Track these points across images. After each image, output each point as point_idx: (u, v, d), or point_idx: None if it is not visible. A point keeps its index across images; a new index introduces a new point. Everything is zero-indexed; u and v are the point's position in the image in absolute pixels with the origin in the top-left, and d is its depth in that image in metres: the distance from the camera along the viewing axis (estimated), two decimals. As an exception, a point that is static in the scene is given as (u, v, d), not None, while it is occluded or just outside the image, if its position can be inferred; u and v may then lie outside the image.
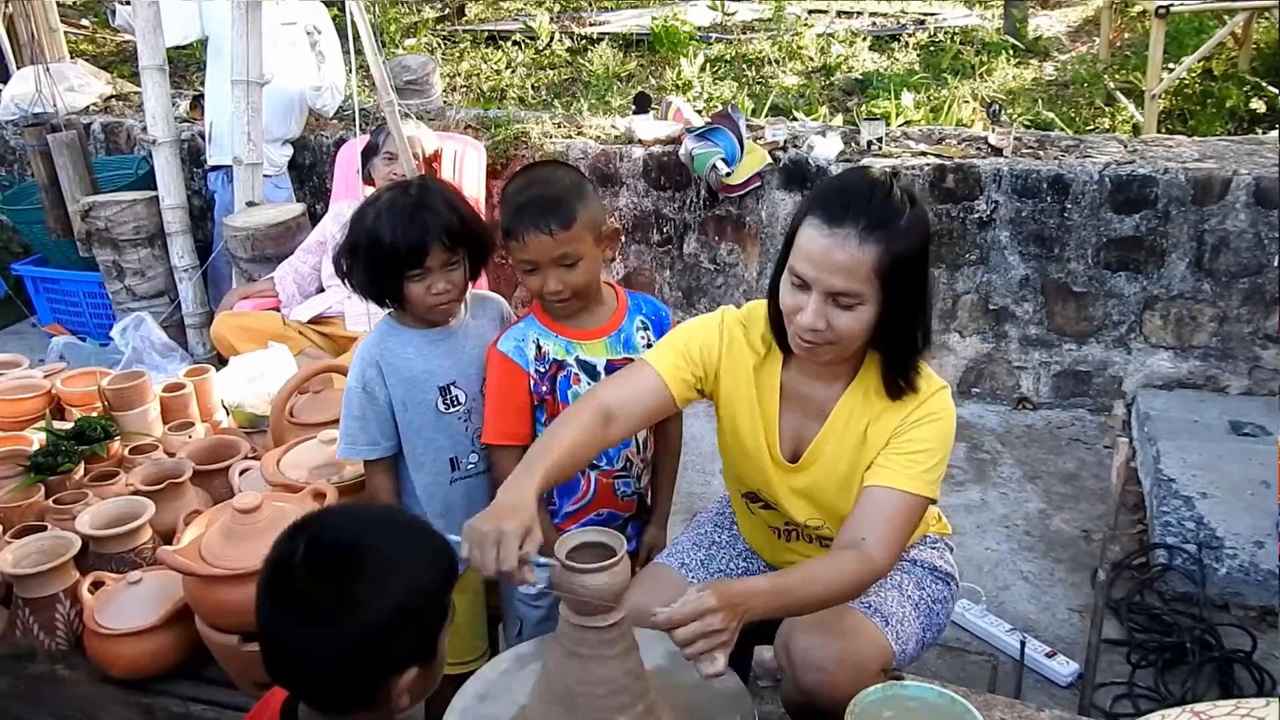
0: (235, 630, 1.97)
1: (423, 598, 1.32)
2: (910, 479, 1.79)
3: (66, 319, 5.23)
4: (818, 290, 1.70)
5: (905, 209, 1.70)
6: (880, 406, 1.86)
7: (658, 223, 4.63)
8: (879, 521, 1.76)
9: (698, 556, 2.13)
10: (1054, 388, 4.30)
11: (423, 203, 2.02)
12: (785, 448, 1.94)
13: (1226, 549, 3.11)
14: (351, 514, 1.56)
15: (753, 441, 1.96)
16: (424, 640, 1.34)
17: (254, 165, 4.51)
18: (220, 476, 2.55)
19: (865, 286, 1.68)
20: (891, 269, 1.67)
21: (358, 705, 1.32)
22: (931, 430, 1.82)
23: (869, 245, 1.66)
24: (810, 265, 1.70)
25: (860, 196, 1.69)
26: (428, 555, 1.36)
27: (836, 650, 1.81)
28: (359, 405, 2.13)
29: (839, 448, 1.89)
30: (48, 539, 2.23)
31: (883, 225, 1.67)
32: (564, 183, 2.05)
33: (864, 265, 1.66)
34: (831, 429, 1.90)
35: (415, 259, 2.01)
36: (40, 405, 2.93)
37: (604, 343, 2.16)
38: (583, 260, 2.03)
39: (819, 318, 1.71)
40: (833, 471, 1.91)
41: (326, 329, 3.93)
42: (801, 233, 1.72)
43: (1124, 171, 3.94)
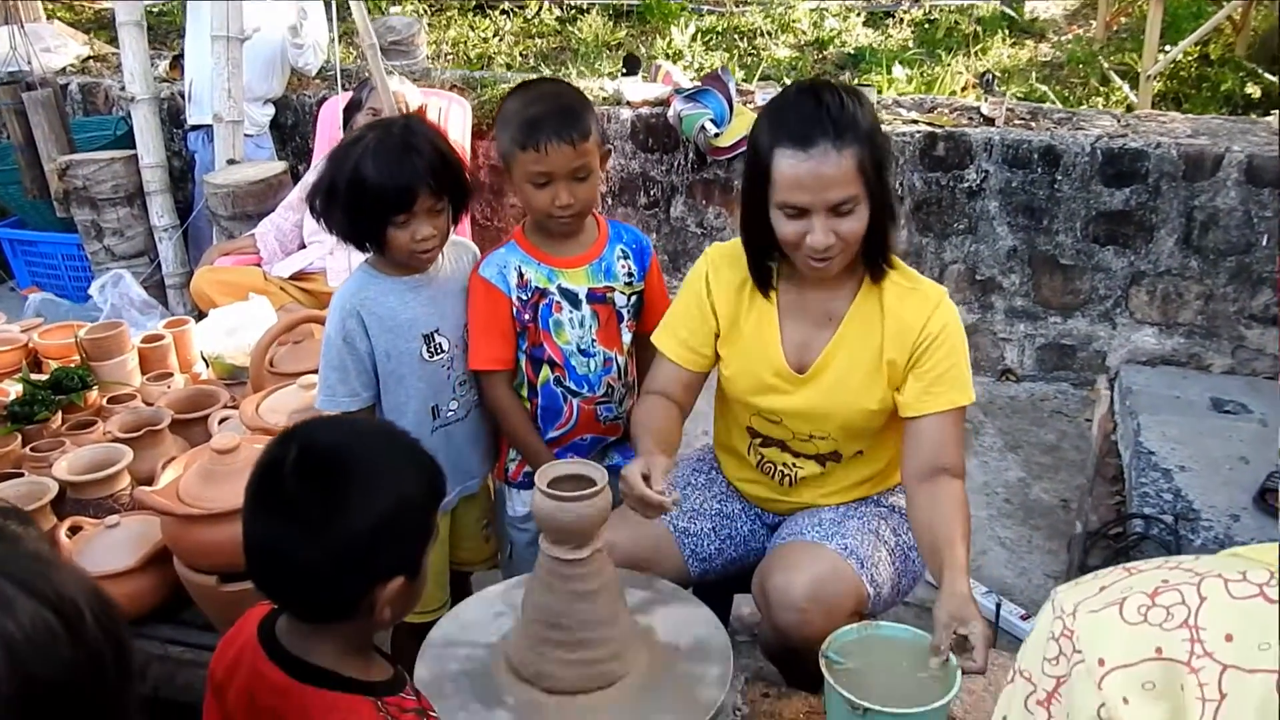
0: (214, 571, 1.96)
1: (410, 509, 1.32)
2: (951, 398, 1.92)
3: (45, 282, 5.16)
4: (818, 211, 1.80)
5: (858, 105, 1.81)
6: (892, 307, 1.94)
7: (645, 185, 4.60)
8: (948, 445, 1.92)
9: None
10: (1038, 360, 4.30)
11: (410, 144, 1.96)
12: (790, 360, 1.99)
13: (1202, 521, 3.12)
14: (343, 423, 1.59)
15: (757, 359, 2.01)
16: (409, 553, 1.33)
17: (234, 123, 4.45)
18: (199, 425, 2.53)
19: (856, 188, 1.79)
20: (870, 163, 1.79)
21: (340, 615, 1.31)
22: (947, 348, 1.93)
23: (847, 151, 1.76)
24: (804, 192, 1.79)
25: (818, 109, 1.78)
26: (417, 468, 1.37)
27: (810, 589, 1.82)
28: (338, 356, 2.08)
29: (853, 359, 1.96)
30: (24, 484, 2.22)
31: (850, 127, 1.77)
32: (574, 95, 2.08)
33: (849, 170, 1.77)
34: (844, 338, 1.97)
35: (402, 203, 1.95)
36: (17, 358, 2.90)
37: (585, 270, 2.17)
38: (592, 174, 2.06)
39: (827, 234, 1.81)
40: (845, 382, 1.96)
41: (308, 285, 3.89)
42: (778, 167, 1.80)
43: (1116, 145, 3.93)
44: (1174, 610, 0.65)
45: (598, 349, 2.18)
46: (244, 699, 1.35)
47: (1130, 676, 0.65)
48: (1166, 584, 0.67)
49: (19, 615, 0.73)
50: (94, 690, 0.77)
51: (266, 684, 1.32)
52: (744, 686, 1.84)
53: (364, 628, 1.34)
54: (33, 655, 0.72)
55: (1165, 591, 0.66)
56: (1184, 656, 0.64)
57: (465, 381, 2.18)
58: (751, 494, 2.17)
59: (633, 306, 2.22)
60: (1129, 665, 0.65)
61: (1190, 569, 0.67)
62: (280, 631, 1.36)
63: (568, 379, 2.18)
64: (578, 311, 2.15)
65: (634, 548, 2.01)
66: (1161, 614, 0.66)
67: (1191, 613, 0.65)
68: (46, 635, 0.74)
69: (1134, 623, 0.66)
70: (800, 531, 2.00)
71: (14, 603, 0.73)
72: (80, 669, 0.75)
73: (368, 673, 1.36)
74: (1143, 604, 0.67)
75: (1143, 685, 0.65)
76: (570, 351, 2.17)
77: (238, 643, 1.39)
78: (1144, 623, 0.66)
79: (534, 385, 2.20)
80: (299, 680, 1.31)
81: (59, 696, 0.74)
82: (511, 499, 2.31)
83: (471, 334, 2.14)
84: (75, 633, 0.76)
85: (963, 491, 1.88)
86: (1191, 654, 0.64)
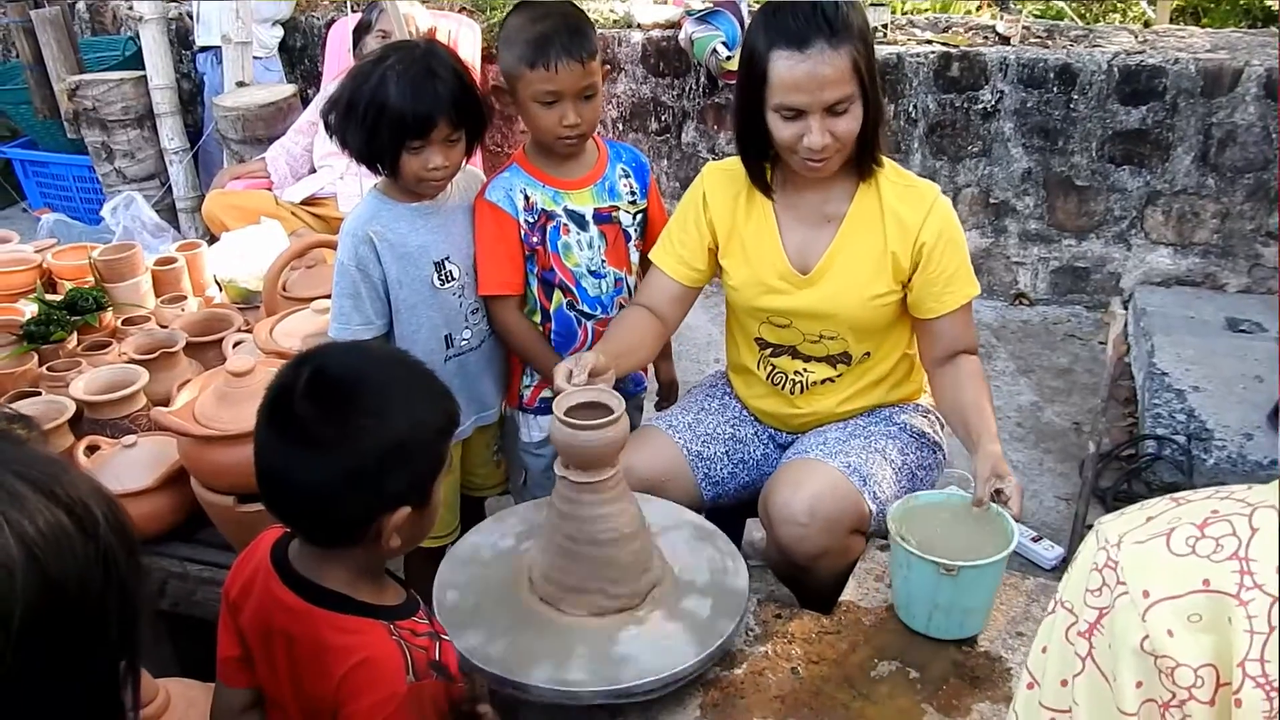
0: (230, 491, 1.98)
1: (421, 438, 1.32)
2: (966, 289, 2.01)
3: (57, 203, 5.17)
4: (815, 111, 1.82)
5: (848, 4, 1.83)
6: (892, 204, 1.97)
7: (655, 110, 4.55)
8: (967, 332, 2.04)
9: (685, 419, 2.17)
10: (1051, 284, 4.28)
11: (432, 70, 1.93)
12: (794, 261, 2.02)
13: (1215, 440, 3.13)
14: (357, 348, 1.58)
15: (760, 265, 2.04)
16: (418, 482, 1.33)
17: (243, 44, 4.42)
18: (213, 348, 2.54)
19: (851, 87, 1.82)
20: (863, 61, 1.82)
21: (348, 540, 1.32)
22: (950, 249, 1.98)
23: (841, 49, 1.79)
24: (801, 93, 1.81)
25: (814, 13, 1.80)
26: (430, 396, 1.37)
27: (810, 504, 1.86)
28: (351, 283, 2.06)
29: (856, 256, 1.99)
30: (41, 403, 2.24)
31: (844, 27, 1.80)
32: (577, 13, 2.07)
33: (844, 69, 1.80)
34: (846, 237, 2.00)
35: (421, 129, 1.93)
36: (31, 279, 2.91)
37: (590, 191, 2.16)
38: (598, 94, 2.06)
39: (823, 134, 1.83)
40: (850, 279, 1.99)
41: (319, 210, 3.89)
42: (775, 70, 1.82)
43: (1133, 61, 3.86)
44: (1224, 542, 0.64)
45: (608, 270, 2.19)
46: (258, 620, 1.37)
47: (1176, 609, 0.64)
48: (1216, 514, 0.65)
49: (35, 516, 0.74)
50: (107, 590, 0.78)
51: (280, 606, 1.34)
52: (756, 608, 1.87)
53: (374, 554, 1.34)
54: (51, 556, 0.73)
55: (1215, 523, 0.65)
56: (1233, 589, 0.62)
57: (477, 310, 2.18)
58: (763, 410, 2.19)
59: (638, 225, 2.22)
60: (1175, 597, 0.64)
61: (1243, 499, 0.65)
62: (293, 555, 1.38)
63: (580, 302, 2.19)
64: (585, 233, 2.15)
65: (648, 471, 2.03)
66: (1210, 545, 0.64)
67: (1242, 544, 0.63)
68: (63, 536, 0.75)
69: (1181, 554, 0.65)
70: (805, 450, 2.02)
71: (28, 502, 0.74)
72: (93, 569, 0.77)
73: (380, 597, 1.37)
74: (1191, 535, 0.65)
75: (1189, 618, 0.63)
76: (580, 273, 2.17)
77: (251, 564, 1.41)
78: (1192, 554, 0.64)
79: (547, 310, 2.20)
80: (311, 603, 1.33)
81: (75, 596, 0.75)
82: (527, 424, 2.32)
83: (480, 258, 2.13)
84: (89, 534, 0.77)
85: (979, 365, 2.02)
86: (1241, 586, 0.62)
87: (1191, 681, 0.63)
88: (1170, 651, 0.63)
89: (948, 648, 1.78)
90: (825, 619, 1.85)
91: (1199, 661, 0.63)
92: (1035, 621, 1.81)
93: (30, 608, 0.72)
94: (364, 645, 1.30)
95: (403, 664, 1.30)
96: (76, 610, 0.76)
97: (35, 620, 0.73)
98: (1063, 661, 0.70)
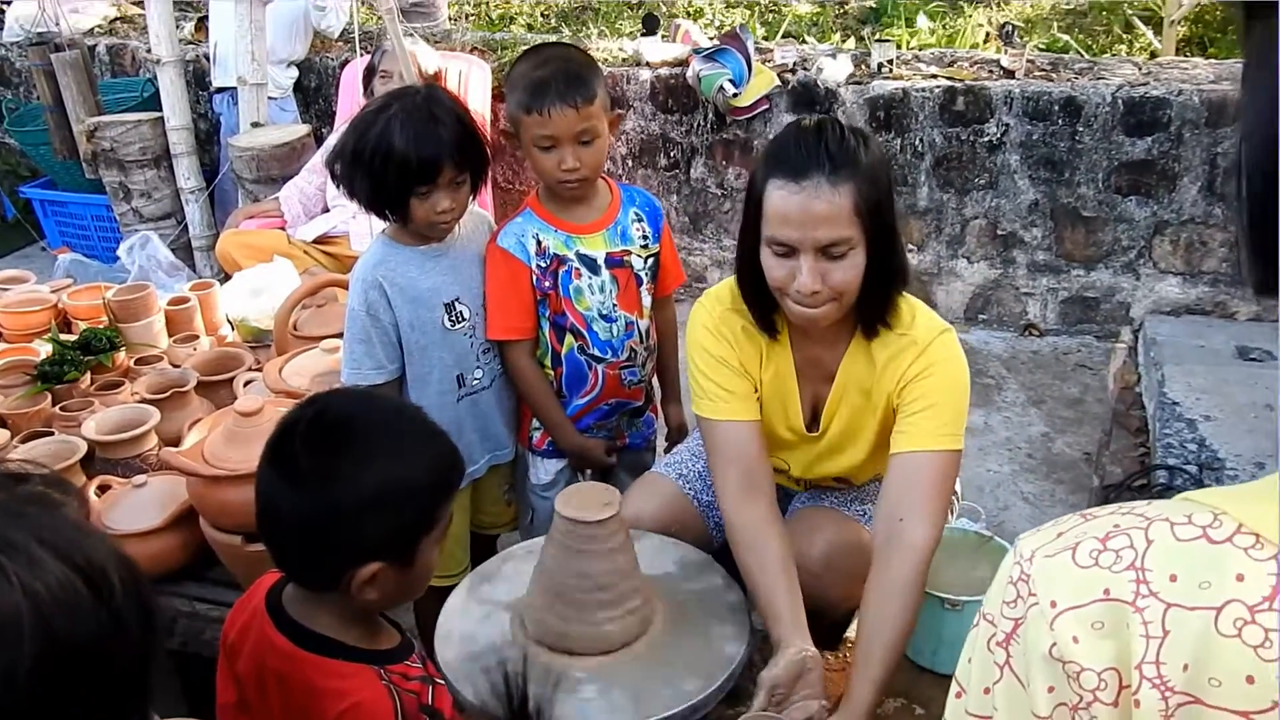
0: (238, 530, 2.00)
1: (402, 493, 1.30)
2: (929, 436, 1.74)
3: (75, 242, 5.24)
4: (806, 250, 1.65)
5: (862, 144, 1.67)
6: (882, 361, 1.81)
7: (665, 146, 4.59)
8: (913, 493, 1.72)
9: (696, 468, 2.14)
10: (1061, 314, 4.28)
11: (435, 115, 1.97)
12: (805, 416, 1.93)
13: (1227, 470, 3.11)
14: (365, 397, 1.57)
15: (774, 413, 1.92)
16: (398, 538, 1.32)
17: (258, 85, 4.48)
18: (225, 387, 2.57)
19: (851, 230, 1.64)
20: (869, 206, 1.64)
21: (326, 584, 1.33)
22: (937, 382, 1.77)
23: (842, 186, 1.62)
24: (791, 227, 1.65)
25: (816, 143, 1.64)
26: (423, 455, 1.35)
27: (826, 553, 1.85)
28: (362, 328, 2.09)
29: (849, 407, 1.88)
30: (54, 443, 2.26)
31: (849, 164, 1.63)
32: (581, 59, 2.09)
33: (844, 208, 1.63)
34: (839, 388, 1.87)
35: (427, 174, 1.96)
36: (46, 318, 2.95)
37: (602, 235, 2.18)
38: (599, 138, 2.06)
39: (815, 278, 1.66)
40: (845, 435, 1.91)
41: (331, 249, 3.93)
42: (769, 201, 1.67)
43: (1137, 93, 3.88)
44: (1123, 553, 0.68)
45: (619, 314, 2.20)
46: (253, 664, 1.38)
47: (1080, 617, 0.68)
48: (1118, 529, 0.70)
49: (47, 576, 0.76)
50: (116, 654, 0.80)
51: (273, 650, 1.35)
52: (761, 644, 1.87)
53: (356, 601, 1.33)
54: (58, 615, 0.76)
55: (1115, 536, 0.69)
56: (1130, 597, 0.67)
57: (489, 350, 2.20)
58: None
59: (650, 269, 2.23)
60: (1079, 606, 0.68)
61: (1141, 514, 0.70)
62: (286, 599, 1.39)
63: (591, 345, 2.20)
64: (597, 277, 2.16)
65: (658, 519, 2.02)
66: (1111, 557, 0.68)
67: (1139, 555, 0.68)
68: (72, 596, 0.77)
69: (1085, 566, 0.69)
70: (817, 497, 2.02)
71: (44, 564, 0.77)
72: (103, 632, 0.79)
73: (372, 640, 1.38)
74: (1094, 548, 0.70)
75: (1091, 625, 0.68)
76: (592, 317, 2.18)
77: (249, 608, 1.42)
78: (1095, 566, 0.69)
79: (558, 354, 2.22)
80: (302, 647, 1.34)
81: (81, 657, 0.77)
82: (535, 466, 2.33)
83: (490, 304, 2.16)
84: (101, 597, 0.79)
85: (914, 569, 1.66)
86: (1137, 594, 0.66)
87: (1096, 685, 0.67)
88: (1076, 657, 0.67)
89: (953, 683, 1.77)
90: (830, 655, 1.85)
91: (1102, 666, 0.67)
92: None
93: (37, 663, 0.74)
94: (354, 690, 1.30)
95: (392, 709, 1.31)
96: (85, 669, 0.78)
97: (42, 676, 0.75)
98: (984, 670, 0.74)
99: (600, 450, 2.30)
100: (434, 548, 1.37)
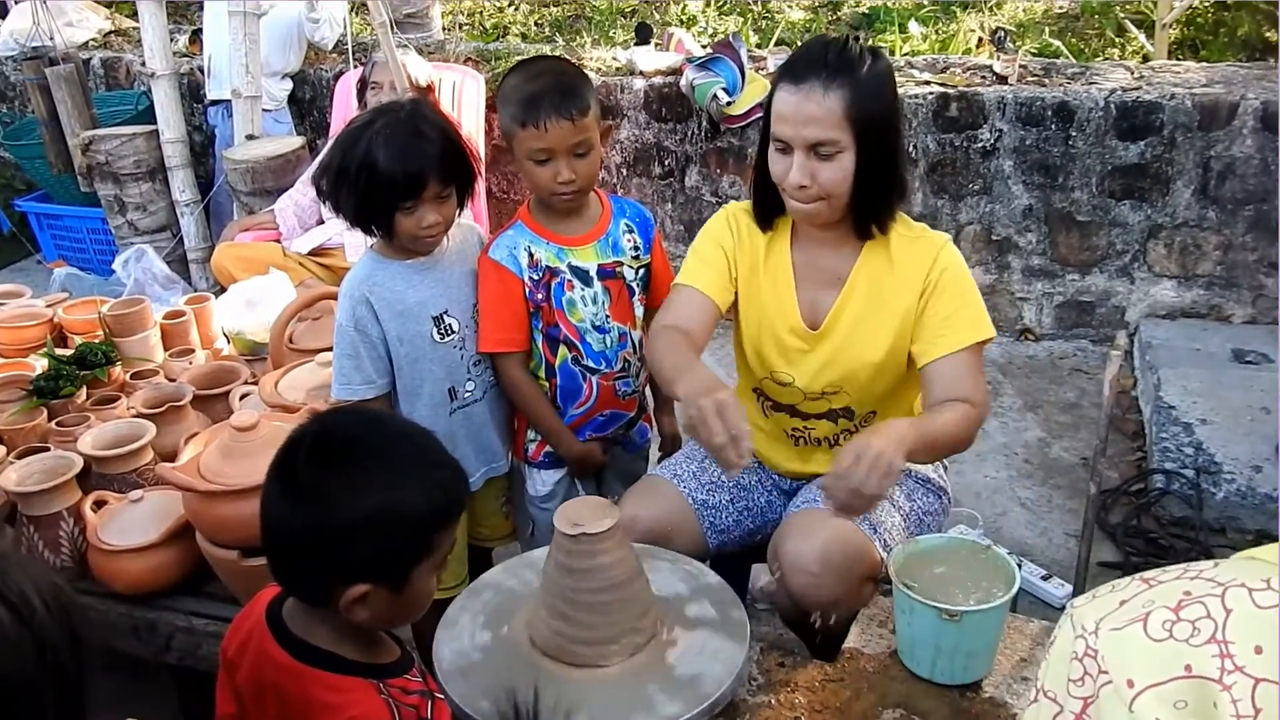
0: (235, 545, 2.00)
1: (395, 518, 1.29)
2: (965, 334, 1.91)
3: (70, 255, 5.24)
4: (798, 147, 1.82)
5: (866, 59, 1.82)
6: (903, 259, 1.94)
7: (659, 155, 4.59)
8: (964, 380, 1.89)
9: (690, 468, 2.16)
10: (1056, 318, 4.28)
11: (419, 130, 1.97)
12: (805, 317, 2.02)
13: (1224, 474, 3.13)
14: (375, 419, 1.55)
15: (774, 314, 2.03)
16: (391, 562, 1.31)
17: (253, 98, 4.48)
18: (220, 401, 2.57)
19: (839, 133, 1.80)
20: (860, 113, 1.79)
21: (313, 599, 1.33)
22: (953, 288, 1.93)
23: (834, 91, 1.78)
24: (786, 124, 1.82)
25: (818, 52, 1.82)
26: (423, 482, 1.33)
27: (822, 554, 1.85)
28: (351, 343, 2.10)
29: (861, 312, 1.98)
30: (50, 459, 2.26)
31: (843, 72, 1.79)
32: (573, 71, 2.10)
33: (834, 112, 1.79)
34: (851, 293, 1.98)
35: (412, 189, 1.97)
36: (42, 333, 2.95)
37: (593, 247, 2.18)
38: (593, 150, 2.07)
39: (803, 173, 1.83)
40: (853, 336, 1.98)
41: (326, 260, 3.93)
42: (775, 101, 1.85)
43: (1130, 98, 3.89)
44: (1200, 624, 0.64)
45: (612, 325, 2.20)
46: (252, 678, 1.38)
47: (1161, 696, 0.63)
48: (1190, 596, 0.65)
49: None
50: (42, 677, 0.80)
51: (271, 663, 1.35)
52: (759, 656, 1.88)
53: (351, 623, 1.33)
54: None
55: (1189, 604, 0.65)
56: (1215, 673, 0.62)
57: (480, 362, 2.20)
58: (767, 457, 2.19)
59: (641, 280, 2.24)
60: (1159, 684, 0.64)
61: (1212, 578, 0.66)
62: (286, 612, 1.39)
63: (585, 357, 2.21)
64: (589, 289, 2.17)
65: (654, 521, 2.03)
66: (1188, 629, 0.64)
67: (1218, 626, 0.63)
68: None
69: (1160, 639, 0.65)
70: (814, 499, 2.02)
71: None
72: (26, 657, 0.79)
73: (371, 654, 1.38)
74: (1167, 619, 0.65)
75: (1175, 704, 0.63)
76: (585, 329, 2.19)
77: (248, 623, 1.42)
78: (1170, 639, 0.64)
79: (552, 365, 2.22)
80: (300, 661, 1.34)
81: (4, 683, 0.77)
82: (532, 478, 2.34)
83: (482, 316, 2.16)
84: (24, 623, 0.79)
85: (968, 413, 1.84)
86: (1222, 670, 0.62)
87: None
88: None
89: (952, 693, 1.77)
90: (829, 666, 1.85)
91: None
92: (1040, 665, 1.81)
93: None
94: (351, 704, 1.30)
95: None
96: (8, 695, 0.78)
97: None
98: None
99: (599, 454, 2.31)
100: (431, 574, 1.36)
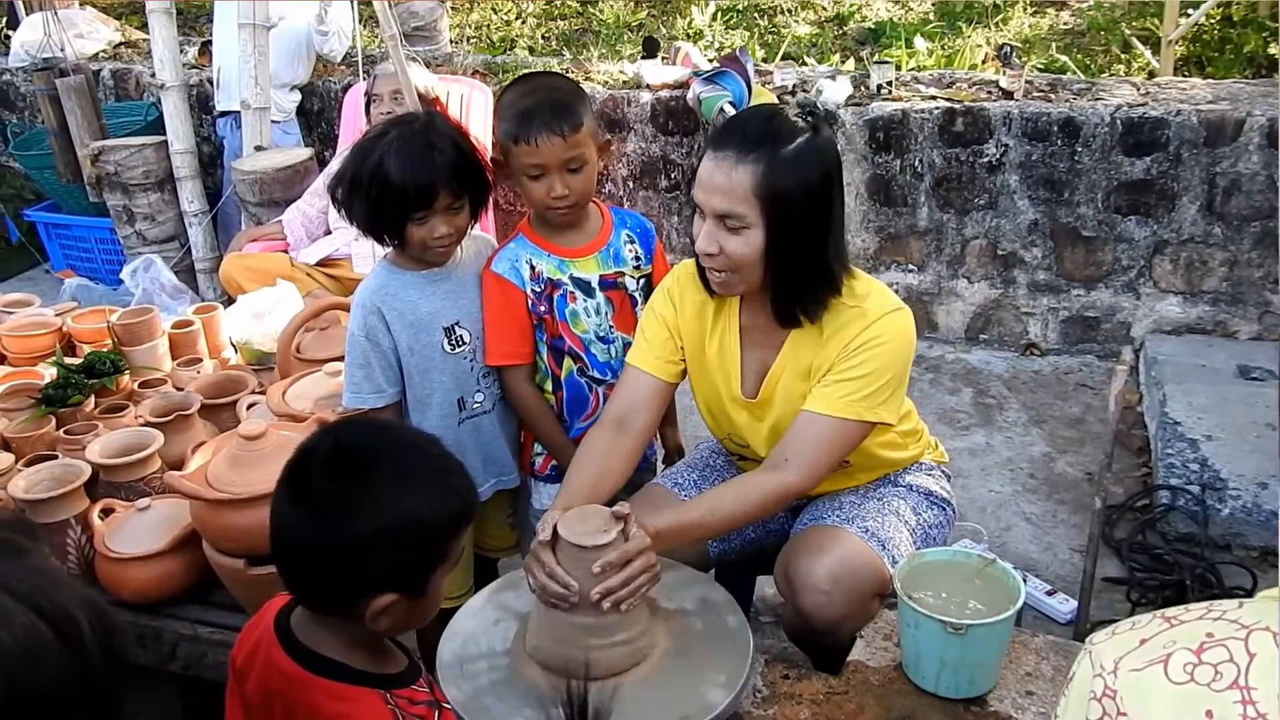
0: (241, 554, 2.00)
1: (416, 528, 1.30)
2: (840, 404, 1.82)
3: (79, 265, 5.26)
4: (708, 214, 1.78)
5: (794, 136, 1.73)
6: (828, 334, 1.87)
7: (665, 168, 4.61)
8: (804, 444, 1.83)
9: (691, 477, 2.18)
10: (1062, 333, 4.29)
11: (431, 142, 1.99)
12: (748, 385, 1.99)
13: (1230, 490, 3.12)
14: (385, 429, 1.57)
15: (719, 383, 2.01)
16: (411, 571, 1.32)
17: (261, 109, 4.51)
18: (228, 410, 2.57)
19: (745, 208, 1.73)
20: (771, 191, 1.71)
21: (338, 610, 1.33)
22: (873, 354, 1.83)
23: (745, 166, 1.71)
24: (700, 190, 1.78)
25: (743, 123, 1.77)
26: (439, 491, 1.34)
27: (832, 572, 1.85)
28: (362, 353, 2.11)
29: (791, 380, 1.93)
30: (58, 467, 2.27)
31: (760, 147, 1.71)
32: (568, 87, 2.11)
33: (740, 186, 1.72)
34: (783, 361, 1.93)
35: (423, 200, 1.98)
36: (51, 342, 2.96)
37: (595, 259, 2.20)
38: (587, 165, 2.07)
39: (709, 241, 1.78)
40: (790, 405, 1.93)
41: (334, 271, 3.95)
42: (700, 167, 1.80)
43: (1136, 114, 3.90)
44: (1222, 669, 0.63)
45: (616, 335, 2.21)
46: (260, 687, 1.39)
47: None
48: (1212, 638, 0.64)
49: (13, 625, 0.77)
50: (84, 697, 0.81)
51: (279, 672, 1.35)
52: (764, 668, 1.87)
53: (365, 629, 1.34)
54: (23, 663, 0.76)
55: (1211, 647, 0.64)
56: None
57: (489, 374, 2.21)
58: None
59: (643, 290, 2.25)
60: None
61: (1235, 620, 0.64)
62: (294, 622, 1.39)
63: (590, 368, 2.22)
64: (591, 300, 2.18)
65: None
66: (1209, 673, 0.63)
67: (1241, 671, 0.62)
68: (40, 645, 0.78)
69: (1180, 682, 0.64)
70: (821, 516, 2.03)
71: (9, 613, 0.77)
72: (71, 679, 0.79)
73: (379, 664, 1.38)
74: (1188, 661, 0.64)
75: None
76: (589, 340, 2.20)
77: (257, 631, 1.43)
78: (1191, 682, 0.63)
79: (558, 378, 2.23)
80: (308, 670, 1.34)
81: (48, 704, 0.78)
82: (538, 491, 2.34)
83: (487, 330, 2.17)
84: (69, 644, 0.79)
85: (771, 489, 1.82)
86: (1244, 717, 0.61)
87: None
88: None
89: (957, 707, 1.77)
90: (833, 679, 1.84)
91: None
92: (1045, 679, 1.81)
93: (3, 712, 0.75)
94: (357, 713, 1.30)
95: None
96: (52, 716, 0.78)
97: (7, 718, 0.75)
98: None
99: None
100: (444, 579, 1.38)
